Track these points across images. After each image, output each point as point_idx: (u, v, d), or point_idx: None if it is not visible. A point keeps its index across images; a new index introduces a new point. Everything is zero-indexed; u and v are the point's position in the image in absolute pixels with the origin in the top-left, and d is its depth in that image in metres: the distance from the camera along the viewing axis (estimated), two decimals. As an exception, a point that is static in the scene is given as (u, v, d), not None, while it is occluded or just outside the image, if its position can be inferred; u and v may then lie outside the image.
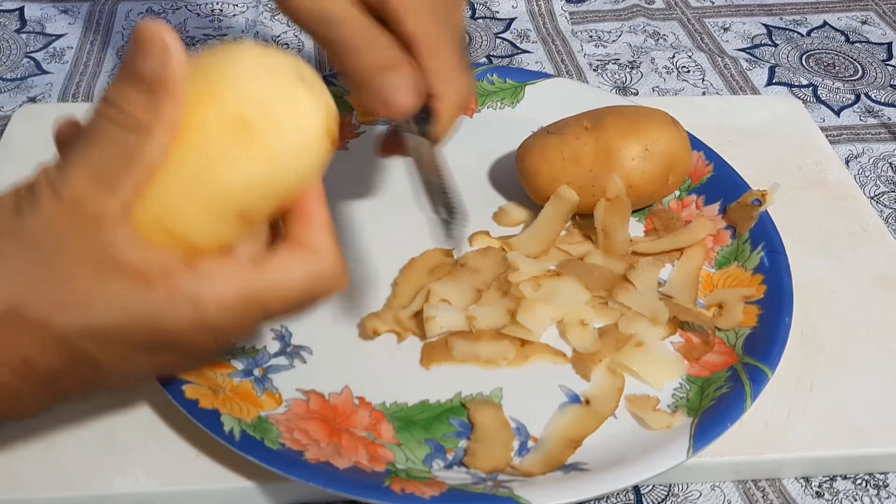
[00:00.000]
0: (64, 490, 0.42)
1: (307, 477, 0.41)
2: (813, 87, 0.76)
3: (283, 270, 0.36)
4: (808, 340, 0.51)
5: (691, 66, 0.77)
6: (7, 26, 0.78)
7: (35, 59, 0.74)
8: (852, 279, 0.55)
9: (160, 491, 0.43)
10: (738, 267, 0.54)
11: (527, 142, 0.57)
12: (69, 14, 0.80)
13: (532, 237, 0.55)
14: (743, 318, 0.50)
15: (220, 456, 0.43)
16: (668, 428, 0.45)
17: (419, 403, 0.47)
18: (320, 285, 0.37)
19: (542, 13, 0.84)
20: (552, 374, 0.49)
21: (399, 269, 0.53)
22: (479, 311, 0.50)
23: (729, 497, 0.46)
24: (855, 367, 0.50)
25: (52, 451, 0.44)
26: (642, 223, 0.58)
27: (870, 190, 0.65)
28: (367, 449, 0.44)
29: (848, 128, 0.71)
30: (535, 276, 0.52)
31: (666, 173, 0.55)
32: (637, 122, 0.55)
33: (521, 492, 0.41)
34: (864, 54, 0.81)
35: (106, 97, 0.33)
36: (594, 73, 0.76)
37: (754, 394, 0.45)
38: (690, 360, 0.49)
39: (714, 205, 0.58)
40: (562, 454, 0.44)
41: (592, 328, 0.50)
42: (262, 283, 0.35)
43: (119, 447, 0.44)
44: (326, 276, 0.37)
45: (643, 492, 0.46)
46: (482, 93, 0.66)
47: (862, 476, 0.47)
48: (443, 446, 0.45)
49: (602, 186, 0.54)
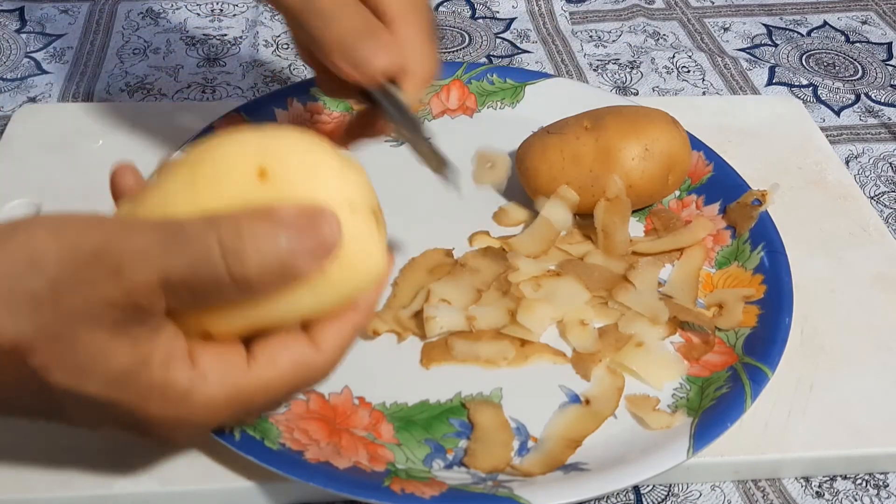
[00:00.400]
0: (64, 490, 0.42)
1: (307, 477, 0.41)
2: (813, 87, 0.76)
3: (272, 368, 0.36)
4: (808, 340, 0.51)
5: (691, 66, 0.77)
6: (7, 26, 0.78)
7: (35, 59, 0.74)
8: (852, 279, 0.55)
9: (160, 491, 0.43)
10: (738, 267, 0.54)
11: (527, 142, 0.57)
12: (69, 14, 0.80)
13: (532, 237, 0.55)
14: (743, 318, 0.50)
15: (220, 456, 0.43)
16: (668, 428, 0.45)
17: (419, 403, 0.47)
18: (306, 379, 0.37)
19: (542, 13, 0.84)
20: (552, 374, 0.49)
21: (399, 269, 0.53)
22: (479, 311, 0.50)
23: (729, 497, 0.46)
24: (855, 367, 0.50)
25: (52, 451, 0.44)
26: (642, 223, 0.58)
27: (870, 190, 0.65)
28: (367, 449, 0.44)
29: (848, 128, 0.71)
30: (535, 276, 0.52)
31: (666, 173, 0.55)
32: (637, 122, 0.55)
33: (521, 492, 0.41)
34: (864, 54, 0.81)
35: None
36: (594, 73, 0.76)
37: (754, 394, 0.45)
38: (690, 360, 0.49)
39: (714, 205, 0.58)
40: (562, 454, 0.44)
41: (592, 328, 0.50)
42: (251, 382, 0.35)
43: (119, 447, 0.44)
44: (315, 371, 0.37)
45: (643, 492, 0.46)
46: (482, 93, 0.66)
47: (862, 476, 0.47)
48: (443, 446, 0.45)
49: (602, 186, 0.54)
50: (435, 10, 0.84)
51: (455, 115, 0.66)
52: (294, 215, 0.33)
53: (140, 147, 0.61)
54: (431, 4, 0.48)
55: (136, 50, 0.76)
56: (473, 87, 0.66)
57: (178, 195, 0.35)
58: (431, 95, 0.66)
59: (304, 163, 0.35)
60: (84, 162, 0.60)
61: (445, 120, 0.65)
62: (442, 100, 0.66)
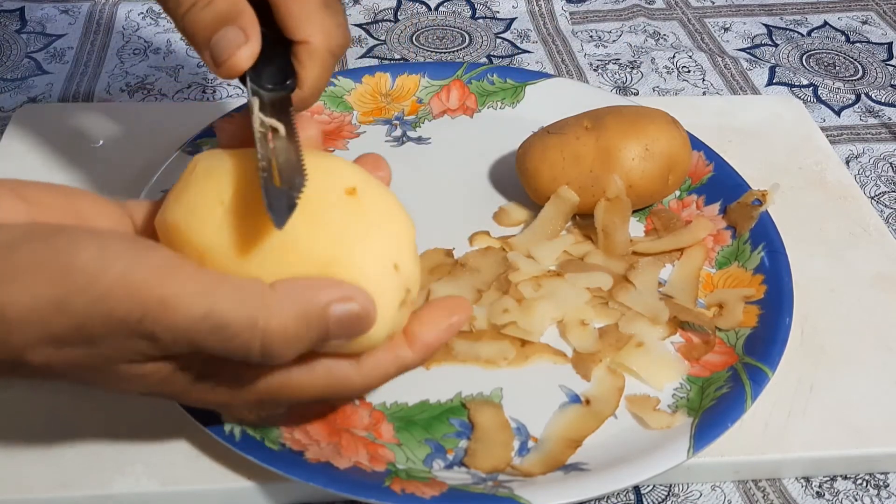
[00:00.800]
0: (64, 490, 0.42)
1: (307, 477, 0.41)
2: (813, 87, 0.76)
3: (307, 371, 0.36)
4: (808, 340, 0.51)
5: (691, 66, 0.77)
6: (7, 26, 0.78)
7: (35, 59, 0.74)
8: (852, 279, 0.55)
9: (160, 491, 0.43)
10: (738, 267, 0.54)
11: (527, 142, 0.57)
12: (69, 14, 0.80)
13: (532, 237, 0.55)
14: (743, 318, 0.50)
15: (220, 456, 0.43)
16: (669, 428, 0.45)
17: (419, 403, 0.47)
18: (337, 393, 0.37)
19: (543, 13, 0.84)
20: (552, 374, 0.49)
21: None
22: (480, 311, 0.50)
23: (729, 497, 0.46)
24: (855, 367, 0.50)
25: (52, 451, 0.44)
26: (642, 223, 0.58)
27: (870, 190, 0.65)
28: (368, 449, 0.44)
29: (848, 128, 0.71)
30: (535, 276, 0.52)
31: (666, 173, 0.55)
32: (637, 122, 0.55)
33: (522, 492, 0.41)
34: (864, 54, 0.81)
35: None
36: (594, 73, 0.76)
37: (754, 394, 0.45)
38: (691, 360, 0.49)
39: (714, 205, 0.58)
40: (562, 454, 0.44)
41: (592, 328, 0.50)
42: (284, 377, 0.36)
43: (119, 447, 0.44)
44: (349, 389, 0.37)
45: (643, 492, 0.46)
46: (482, 93, 0.66)
47: (862, 476, 0.47)
48: (443, 446, 0.45)
49: (602, 186, 0.54)
50: (435, 10, 0.84)
51: (455, 115, 0.66)
52: (337, 324, 0.33)
53: (140, 147, 0.61)
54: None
55: (136, 50, 0.76)
56: (474, 87, 0.66)
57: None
58: (431, 96, 0.66)
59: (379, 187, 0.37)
60: (84, 162, 0.60)
61: (445, 120, 0.65)
62: (442, 100, 0.66)
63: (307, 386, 0.36)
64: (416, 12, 0.84)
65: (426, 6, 0.85)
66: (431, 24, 0.82)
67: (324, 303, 0.33)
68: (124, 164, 0.60)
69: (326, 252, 0.34)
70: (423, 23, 0.82)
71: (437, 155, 0.62)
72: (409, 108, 0.65)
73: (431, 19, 0.83)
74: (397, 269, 0.35)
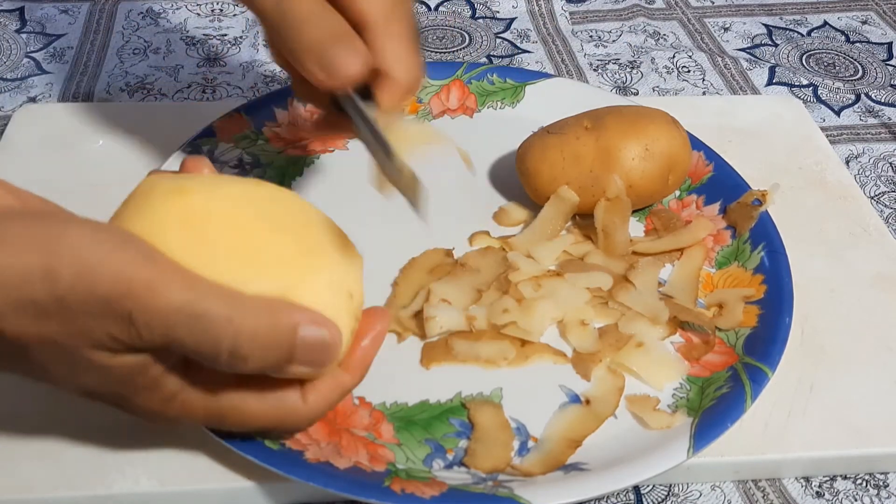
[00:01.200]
0: (64, 490, 0.42)
1: (307, 477, 0.41)
2: (813, 87, 0.76)
3: (256, 400, 0.38)
4: (808, 340, 0.51)
5: (691, 66, 0.77)
6: (7, 26, 0.78)
7: (35, 59, 0.74)
8: (852, 279, 0.55)
9: (160, 491, 0.43)
10: (738, 267, 0.54)
11: (527, 142, 0.57)
12: (69, 14, 0.80)
13: (532, 237, 0.55)
14: (743, 318, 0.50)
15: (220, 456, 0.43)
16: (669, 428, 0.45)
17: (419, 403, 0.47)
18: (284, 424, 0.39)
19: (543, 13, 0.84)
20: (552, 374, 0.49)
21: (399, 269, 0.53)
22: (479, 311, 0.50)
23: (729, 497, 0.46)
24: (855, 367, 0.50)
25: (52, 451, 0.44)
26: (642, 223, 0.58)
27: (870, 190, 0.65)
28: (367, 449, 0.44)
29: (848, 128, 0.71)
30: (535, 276, 0.52)
31: (666, 173, 0.55)
32: (637, 122, 0.55)
33: (522, 492, 0.41)
34: (864, 54, 0.81)
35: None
36: (594, 73, 0.76)
37: (754, 394, 0.45)
38: (691, 360, 0.49)
39: (714, 205, 0.58)
40: (562, 454, 0.44)
41: (592, 328, 0.50)
42: (232, 404, 0.38)
43: (119, 447, 0.44)
44: (296, 420, 0.39)
45: (643, 492, 0.46)
46: (482, 93, 0.66)
47: (862, 476, 0.47)
48: (443, 446, 0.45)
49: (602, 186, 0.54)
50: (435, 10, 0.84)
51: (455, 115, 0.66)
52: (308, 348, 0.36)
53: (140, 147, 0.61)
54: (413, 8, 0.47)
55: (136, 50, 0.76)
56: (473, 87, 0.66)
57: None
58: (431, 96, 0.66)
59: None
60: (84, 162, 0.60)
61: (445, 120, 0.65)
62: (442, 100, 0.66)
63: (257, 413, 0.38)
64: (415, 12, 0.84)
65: (426, 6, 0.85)
66: (431, 24, 0.82)
67: (295, 321, 0.35)
68: (124, 164, 0.60)
69: (285, 277, 0.36)
70: (422, 23, 0.82)
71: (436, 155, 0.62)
72: (409, 108, 0.65)
73: (431, 19, 0.83)
74: (351, 298, 0.38)
